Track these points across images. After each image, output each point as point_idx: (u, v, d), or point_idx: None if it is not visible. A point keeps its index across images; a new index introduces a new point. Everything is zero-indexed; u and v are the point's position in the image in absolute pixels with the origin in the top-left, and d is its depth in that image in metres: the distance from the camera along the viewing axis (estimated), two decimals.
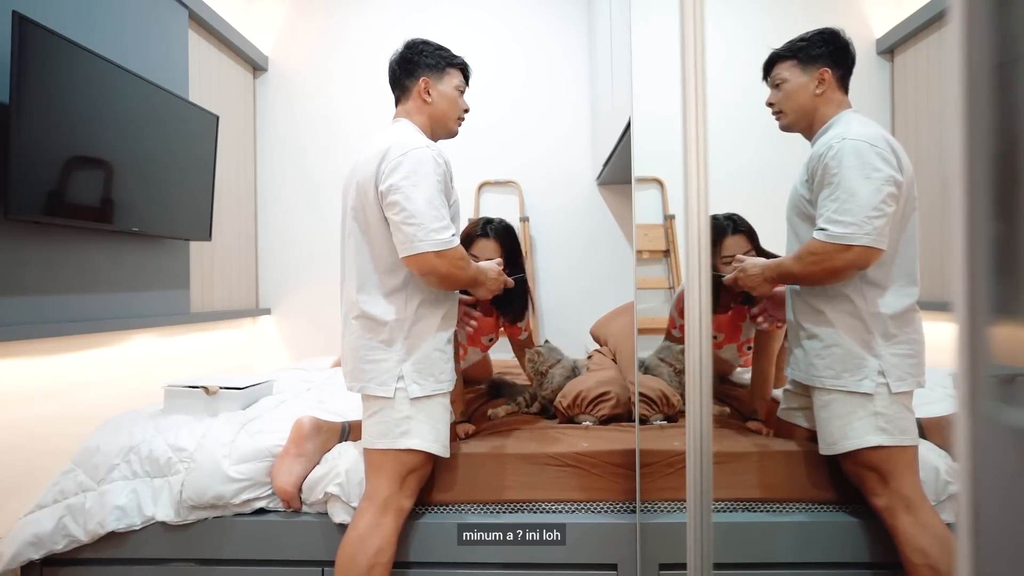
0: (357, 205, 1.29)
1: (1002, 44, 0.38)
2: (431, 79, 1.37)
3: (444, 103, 1.38)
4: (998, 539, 0.38)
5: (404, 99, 1.40)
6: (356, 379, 1.29)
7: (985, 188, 0.38)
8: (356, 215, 1.29)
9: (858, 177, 1.18)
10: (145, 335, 2.20)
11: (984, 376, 0.39)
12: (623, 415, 1.65)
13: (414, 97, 1.37)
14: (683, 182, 1.01)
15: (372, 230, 1.27)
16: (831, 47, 1.37)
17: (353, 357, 1.29)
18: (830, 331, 1.28)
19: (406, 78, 1.38)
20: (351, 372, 1.31)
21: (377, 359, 1.27)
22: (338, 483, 1.35)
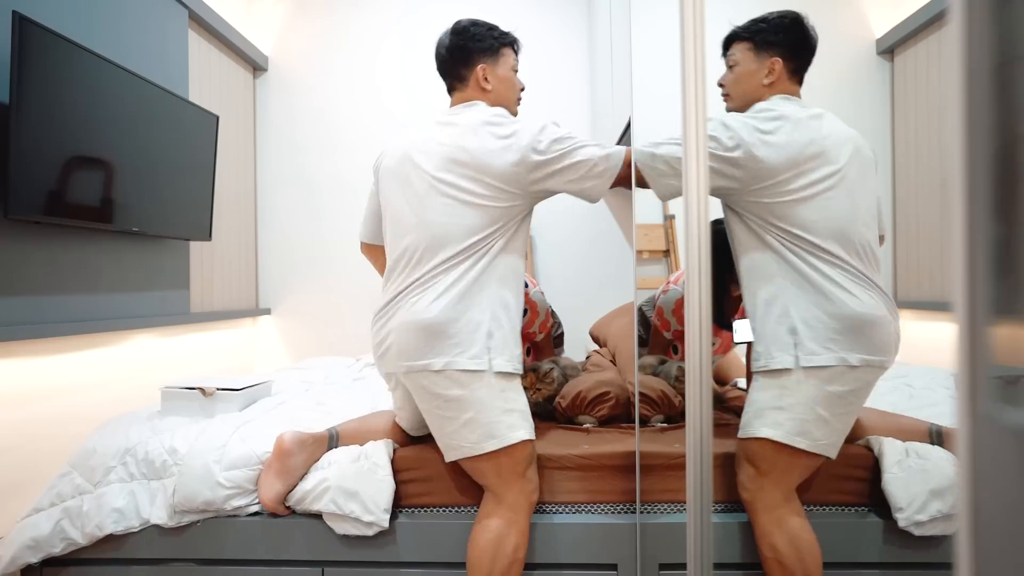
0: (460, 177, 1.24)
1: (1002, 44, 0.38)
2: (488, 65, 1.34)
3: (503, 88, 1.37)
4: (998, 539, 0.38)
5: (462, 87, 1.36)
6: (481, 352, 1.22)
7: (985, 188, 0.38)
8: (458, 186, 1.24)
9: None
10: (145, 335, 2.20)
11: (984, 376, 0.39)
12: (623, 415, 1.65)
13: (473, 85, 1.35)
14: (683, 182, 1.01)
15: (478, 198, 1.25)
16: (788, 35, 1.30)
17: (459, 325, 1.21)
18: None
19: (461, 67, 1.34)
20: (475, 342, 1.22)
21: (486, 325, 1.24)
22: (331, 499, 1.32)
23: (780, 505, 1.21)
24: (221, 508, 1.36)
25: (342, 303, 3.07)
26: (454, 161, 1.24)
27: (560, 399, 1.66)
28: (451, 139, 1.26)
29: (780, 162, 1.20)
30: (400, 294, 1.27)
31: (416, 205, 1.27)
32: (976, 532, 0.39)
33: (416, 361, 1.22)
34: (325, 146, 3.09)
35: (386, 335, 1.28)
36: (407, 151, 1.30)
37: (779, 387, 1.21)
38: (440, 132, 1.29)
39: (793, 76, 1.32)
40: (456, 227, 1.23)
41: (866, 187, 1.25)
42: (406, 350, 1.23)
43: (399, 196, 1.30)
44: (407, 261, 1.27)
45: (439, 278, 1.23)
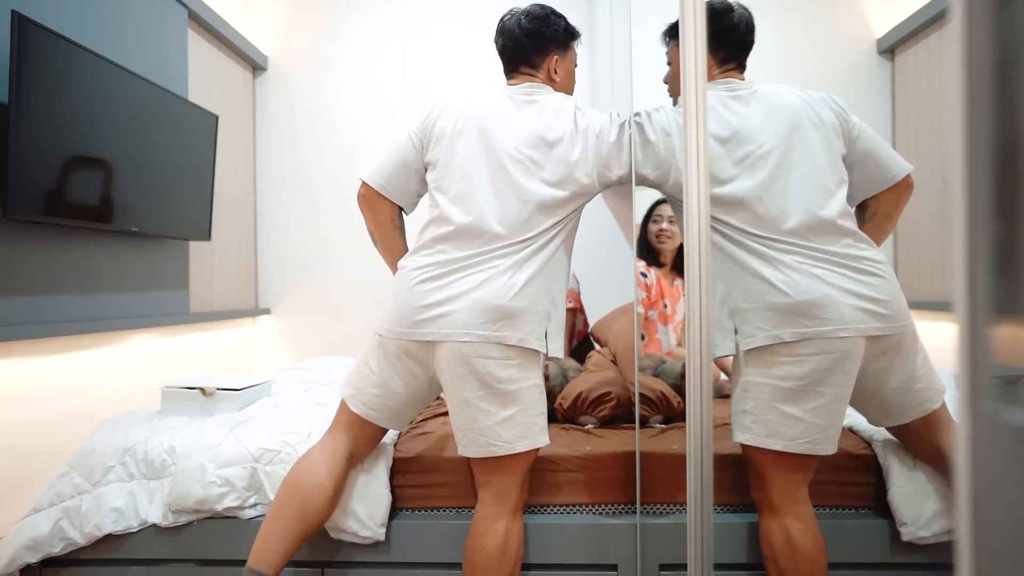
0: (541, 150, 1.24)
1: (1002, 44, 0.38)
2: (559, 56, 1.34)
3: (568, 82, 1.38)
4: (998, 539, 0.38)
5: (531, 73, 1.34)
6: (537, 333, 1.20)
7: (985, 188, 0.38)
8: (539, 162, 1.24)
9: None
10: (144, 335, 2.20)
11: (984, 376, 0.39)
12: (624, 415, 1.65)
13: (543, 74, 1.34)
14: (683, 181, 1.01)
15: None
16: (712, 28, 1.33)
17: (528, 307, 1.19)
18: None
19: (535, 53, 1.32)
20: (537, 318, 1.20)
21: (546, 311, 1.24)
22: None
23: (780, 505, 1.20)
24: (214, 508, 1.36)
25: (342, 303, 3.07)
26: (543, 141, 1.23)
27: (561, 400, 1.66)
28: (536, 118, 1.24)
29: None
30: (468, 263, 1.20)
31: (500, 179, 1.22)
32: (976, 532, 0.39)
33: (492, 332, 1.16)
34: (325, 146, 3.09)
35: (443, 299, 1.18)
36: (483, 120, 1.25)
37: (740, 388, 1.21)
38: (521, 109, 1.26)
39: (724, 64, 1.31)
40: (539, 208, 1.21)
41: (813, 158, 1.20)
42: (474, 320, 1.16)
43: (477, 164, 1.23)
44: (480, 233, 1.20)
45: (511, 257, 1.20)
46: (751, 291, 1.17)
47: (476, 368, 1.16)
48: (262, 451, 1.41)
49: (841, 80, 2.85)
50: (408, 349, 1.22)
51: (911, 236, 2.66)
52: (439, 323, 1.17)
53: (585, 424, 1.62)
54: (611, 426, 1.61)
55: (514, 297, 1.18)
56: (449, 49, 3.04)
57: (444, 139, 1.27)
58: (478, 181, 1.23)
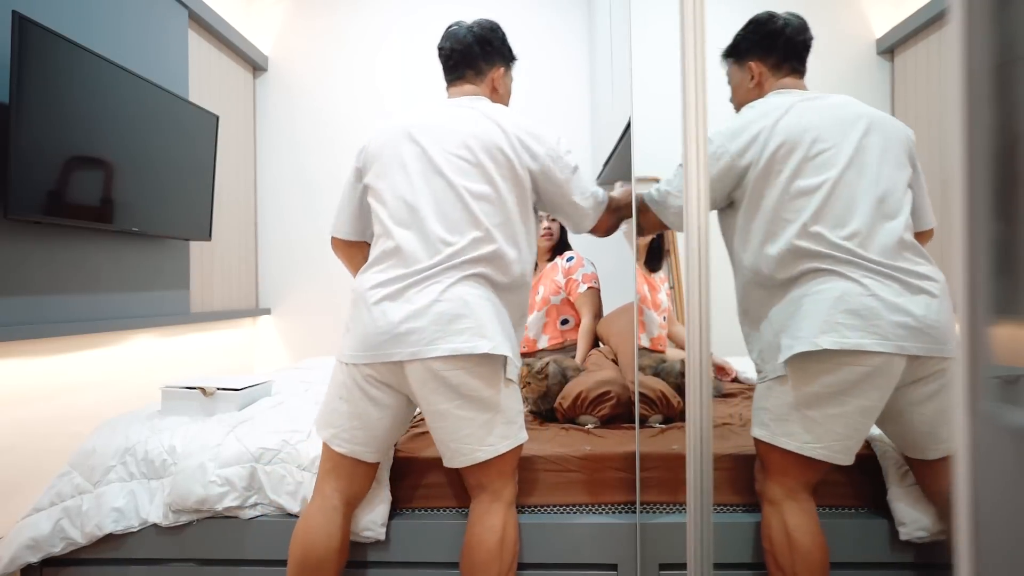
0: (483, 160, 1.21)
1: (1002, 44, 0.38)
2: (503, 70, 1.36)
3: (507, 98, 1.40)
4: (998, 539, 0.38)
5: (476, 81, 1.33)
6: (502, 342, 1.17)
7: (985, 188, 0.38)
8: (482, 170, 1.21)
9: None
10: (145, 335, 2.20)
11: (984, 376, 0.39)
12: (624, 414, 1.65)
13: (486, 83, 1.34)
14: (683, 182, 1.01)
15: (501, 190, 1.23)
16: (754, 37, 1.35)
17: (494, 318, 1.18)
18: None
19: (483, 61, 1.32)
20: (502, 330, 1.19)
21: (508, 330, 1.23)
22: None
23: (782, 501, 1.21)
24: (214, 507, 1.36)
25: (342, 303, 3.07)
26: (482, 148, 1.21)
27: (561, 399, 1.66)
28: (472, 126, 1.23)
29: (748, 160, 1.22)
30: (423, 275, 1.16)
31: (440, 189, 1.19)
32: (976, 532, 0.39)
33: (460, 343, 1.12)
34: (325, 146, 3.09)
35: (406, 316, 1.13)
36: (415, 130, 1.24)
37: (766, 386, 1.23)
38: (456, 116, 1.24)
39: (779, 70, 1.33)
40: (481, 215, 1.19)
41: (885, 169, 1.18)
42: (440, 334, 1.12)
43: (412, 178, 1.21)
44: (429, 243, 1.17)
45: (463, 268, 1.17)
46: (805, 300, 1.16)
47: (449, 380, 1.14)
48: (262, 451, 1.41)
49: (841, 80, 2.85)
50: (379, 373, 1.18)
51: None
52: (405, 341, 1.13)
53: (585, 424, 1.62)
54: (611, 426, 1.61)
55: (475, 305, 1.15)
56: None
57: (379, 158, 1.25)
58: (418, 191, 1.20)
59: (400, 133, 1.24)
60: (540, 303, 2.19)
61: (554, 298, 2.16)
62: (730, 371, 2.22)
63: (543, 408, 1.73)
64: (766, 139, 1.21)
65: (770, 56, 1.33)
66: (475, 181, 1.20)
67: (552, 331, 2.18)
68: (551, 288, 2.17)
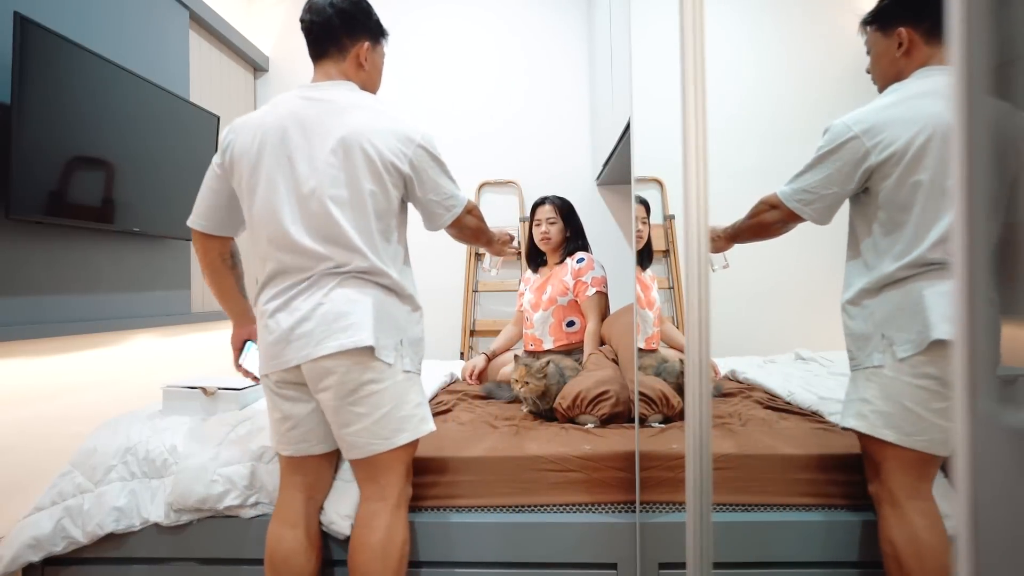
0: (349, 165, 1.19)
1: (1002, 44, 0.38)
2: (370, 44, 1.29)
3: (375, 75, 1.34)
4: (998, 539, 0.38)
5: (337, 57, 1.27)
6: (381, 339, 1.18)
7: (985, 188, 0.38)
8: (350, 174, 1.18)
9: (826, 158, 1.21)
10: (146, 335, 2.20)
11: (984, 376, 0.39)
12: (623, 414, 1.65)
13: (350, 59, 1.27)
14: (683, 182, 1.01)
15: (365, 194, 1.20)
16: (912, 1, 1.20)
17: (375, 315, 1.18)
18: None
19: (345, 35, 1.26)
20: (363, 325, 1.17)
21: (399, 324, 1.23)
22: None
23: (903, 501, 1.17)
24: (215, 506, 1.37)
25: None
26: (343, 142, 1.17)
27: (560, 399, 1.66)
28: (334, 118, 1.19)
29: (886, 153, 1.14)
30: (305, 285, 1.18)
31: (318, 188, 1.17)
32: (976, 532, 0.39)
33: (345, 339, 1.14)
34: None
35: (295, 323, 1.17)
36: (284, 129, 1.19)
37: (863, 378, 1.20)
38: (316, 109, 1.20)
39: (928, 39, 1.18)
40: (354, 214, 1.18)
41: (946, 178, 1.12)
42: (325, 333, 1.15)
43: (280, 194, 1.18)
44: (306, 260, 1.18)
45: (346, 267, 1.18)
46: (926, 293, 1.13)
47: (340, 378, 1.16)
48: (263, 449, 1.41)
49: (840, 80, 2.85)
50: (284, 379, 1.22)
51: None
52: (296, 345, 1.17)
53: (585, 423, 1.62)
54: (610, 425, 1.61)
55: (354, 304, 1.17)
56: (449, 49, 3.05)
57: (243, 161, 1.21)
58: (284, 203, 1.18)
59: (262, 137, 1.20)
60: (546, 303, 2.17)
61: (561, 299, 2.13)
62: (716, 371, 2.23)
63: (542, 408, 1.73)
64: (910, 135, 1.12)
65: (924, 21, 1.17)
66: (339, 187, 1.18)
67: (557, 333, 2.16)
68: (559, 288, 2.14)
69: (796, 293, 2.85)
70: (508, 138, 3.05)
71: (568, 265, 2.17)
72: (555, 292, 2.15)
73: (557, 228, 2.21)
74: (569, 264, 2.17)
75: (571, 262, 2.16)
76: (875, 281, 1.18)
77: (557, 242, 2.22)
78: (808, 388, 1.88)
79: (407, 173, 1.23)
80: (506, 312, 3.02)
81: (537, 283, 2.26)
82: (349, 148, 1.17)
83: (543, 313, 2.17)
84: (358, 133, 1.18)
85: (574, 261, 2.16)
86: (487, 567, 1.36)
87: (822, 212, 1.23)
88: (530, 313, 2.23)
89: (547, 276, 2.23)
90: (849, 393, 1.25)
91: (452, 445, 1.46)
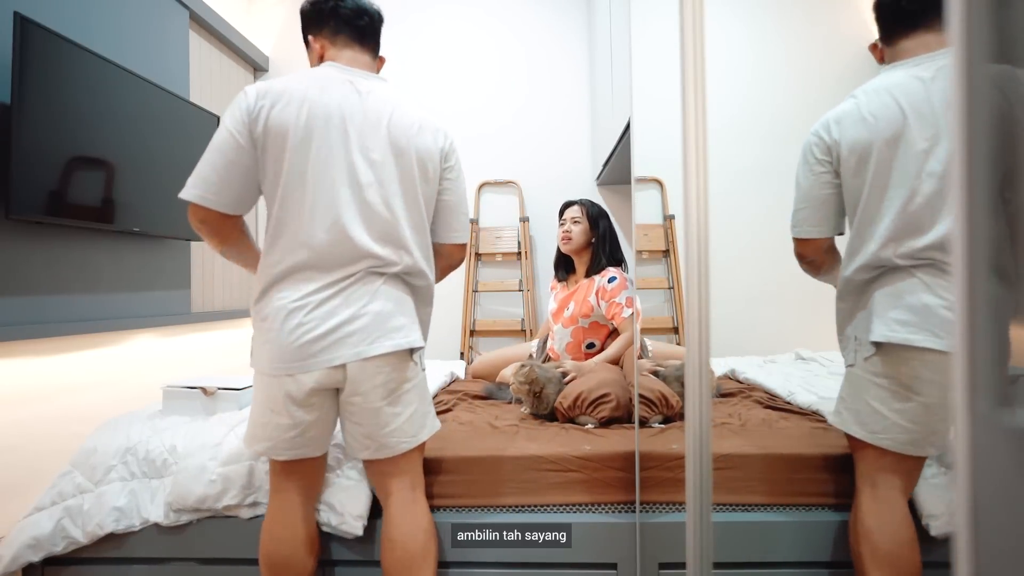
0: (402, 162, 1.19)
1: (1002, 44, 0.38)
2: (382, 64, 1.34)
3: None
4: (998, 540, 0.38)
5: (371, 55, 1.28)
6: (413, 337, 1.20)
7: (985, 188, 0.38)
8: (399, 163, 1.18)
9: (799, 172, 1.24)
10: (146, 335, 2.20)
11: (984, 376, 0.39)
12: (623, 417, 1.65)
13: (377, 65, 1.32)
14: (683, 182, 1.01)
15: (418, 192, 1.22)
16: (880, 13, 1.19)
17: (417, 316, 1.23)
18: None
19: (378, 43, 1.30)
20: (404, 327, 1.18)
21: (425, 325, 1.28)
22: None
23: (867, 495, 1.19)
24: (213, 506, 1.37)
25: None
26: (397, 139, 1.18)
27: (562, 399, 1.66)
28: (386, 113, 1.18)
29: (846, 149, 1.16)
30: (349, 278, 1.14)
31: (376, 183, 1.15)
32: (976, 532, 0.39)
33: (395, 340, 1.15)
34: None
35: (343, 321, 1.12)
36: (340, 114, 1.14)
37: (846, 378, 1.24)
38: (368, 100, 1.17)
39: (889, 43, 1.18)
40: (408, 213, 1.19)
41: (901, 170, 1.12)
42: (377, 332, 1.14)
43: (340, 167, 1.13)
44: (347, 250, 1.13)
45: (394, 266, 1.17)
46: (876, 295, 1.16)
47: (387, 377, 1.16)
48: None
49: (840, 80, 2.85)
50: (318, 379, 1.13)
51: None
52: (346, 343, 1.12)
53: (585, 424, 1.62)
54: (611, 426, 1.62)
55: (402, 303, 1.19)
56: (449, 49, 3.05)
57: (287, 136, 1.11)
58: (342, 193, 1.12)
59: (309, 112, 1.12)
60: (567, 320, 2.06)
61: (583, 320, 2.03)
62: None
63: (540, 411, 1.72)
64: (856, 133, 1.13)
65: (880, 28, 1.18)
66: (395, 183, 1.17)
67: (575, 352, 2.08)
68: (582, 308, 2.03)
69: (796, 293, 2.85)
70: (508, 138, 3.05)
71: (596, 282, 2.04)
72: (577, 311, 2.04)
73: (580, 229, 2.10)
74: (597, 281, 2.03)
75: (600, 280, 2.03)
76: (844, 282, 1.21)
77: (579, 244, 2.10)
78: (808, 388, 1.88)
79: (443, 173, 1.27)
80: (506, 312, 3.02)
81: (562, 294, 2.17)
82: (403, 146, 1.18)
83: (563, 329, 2.09)
84: (408, 130, 1.20)
85: (604, 280, 2.01)
86: (487, 567, 1.36)
87: (812, 221, 1.24)
88: (551, 322, 2.17)
89: (573, 289, 2.12)
90: (839, 391, 1.28)
91: (452, 445, 1.46)
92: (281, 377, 1.13)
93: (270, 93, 1.13)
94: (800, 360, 2.47)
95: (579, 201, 2.15)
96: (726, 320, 2.84)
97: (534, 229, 3.05)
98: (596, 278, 2.05)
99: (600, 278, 2.04)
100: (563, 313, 2.10)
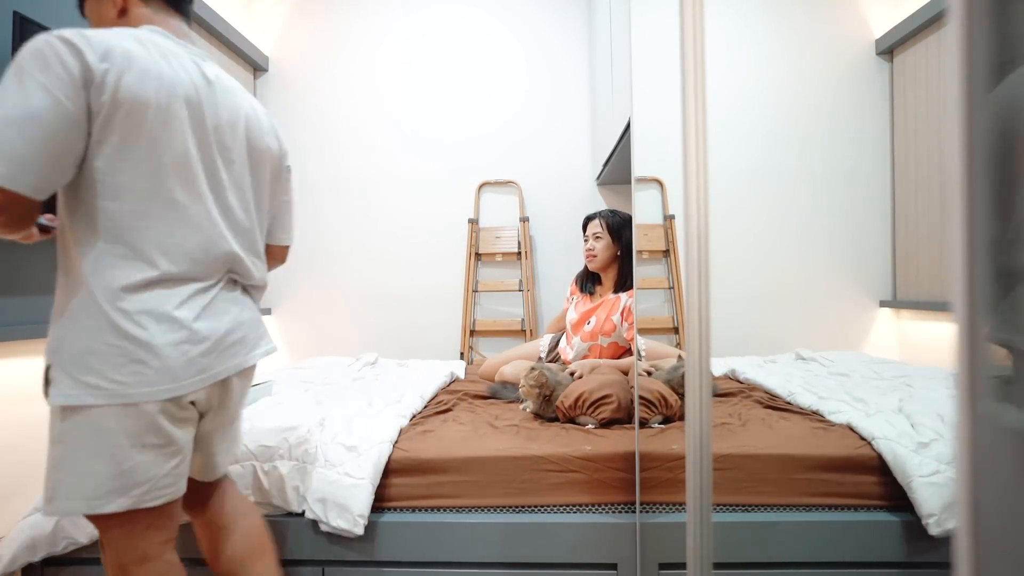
0: (254, 156, 1.10)
1: (1002, 44, 0.38)
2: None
3: None
4: (998, 540, 0.38)
5: (185, 22, 1.08)
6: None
7: (985, 188, 0.38)
8: (253, 166, 1.10)
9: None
10: None
11: (984, 376, 0.39)
12: (623, 419, 1.65)
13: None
14: (683, 182, 1.01)
15: (266, 198, 1.16)
16: None
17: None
18: None
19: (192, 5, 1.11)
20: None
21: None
22: (310, 507, 1.35)
23: None
24: None
25: (342, 303, 3.07)
26: (257, 141, 1.11)
27: (563, 399, 1.66)
28: (237, 107, 1.07)
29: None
30: (217, 285, 1.02)
31: (235, 187, 1.06)
32: (976, 532, 0.39)
33: (268, 344, 1.13)
34: (325, 146, 3.09)
35: (227, 331, 1.01)
36: (198, 101, 0.98)
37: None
38: (217, 89, 1.03)
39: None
40: (259, 218, 1.14)
41: None
42: (256, 338, 1.10)
43: (204, 163, 0.99)
44: (223, 252, 1.02)
45: (248, 277, 1.10)
46: None
47: (247, 386, 1.14)
48: (262, 449, 1.41)
49: (840, 80, 2.85)
50: (198, 396, 0.99)
51: (910, 236, 2.66)
52: (228, 354, 1.01)
53: (585, 424, 1.62)
54: (611, 426, 1.62)
55: (257, 310, 1.15)
56: (449, 49, 3.05)
57: (143, 113, 0.90)
58: (204, 192, 0.98)
59: (169, 91, 0.93)
60: (587, 335, 2.02)
61: (603, 339, 1.98)
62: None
63: (548, 413, 1.72)
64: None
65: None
66: (247, 189, 1.09)
67: None
68: (604, 325, 1.98)
69: (796, 293, 2.86)
70: (508, 138, 3.05)
71: (622, 301, 1.98)
72: (598, 328, 1.99)
73: (603, 244, 2.04)
74: (624, 300, 1.98)
75: (627, 299, 1.97)
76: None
77: (604, 260, 2.05)
78: (808, 388, 1.88)
79: (282, 173, 1.21)
80: (506, 312, 3.02)
81: (584, 305, 2.12)
82: (259, 149, 1.11)
83: (581, 343, 2.06)
84: (264, 133, 1.12)
85: (631, 300, 1.95)
86: (487, 567, 1.36)
87: None
88: (570, 332, 2.13)
89: (597, 304, 2.07)
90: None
91: (452, 445, 1.46)
92: (165, 402, 0.93)
93: (112, 55, 0.90)
94: (800, 360, 2.48)
95: (599, 214, 2.08)
96: (726, 320, 2.84)
97: (534, 229, 3.05)
98: (623, 296, 1.99)
99: (627, 297, 1.98)
100: (583, 327, 2.05)
